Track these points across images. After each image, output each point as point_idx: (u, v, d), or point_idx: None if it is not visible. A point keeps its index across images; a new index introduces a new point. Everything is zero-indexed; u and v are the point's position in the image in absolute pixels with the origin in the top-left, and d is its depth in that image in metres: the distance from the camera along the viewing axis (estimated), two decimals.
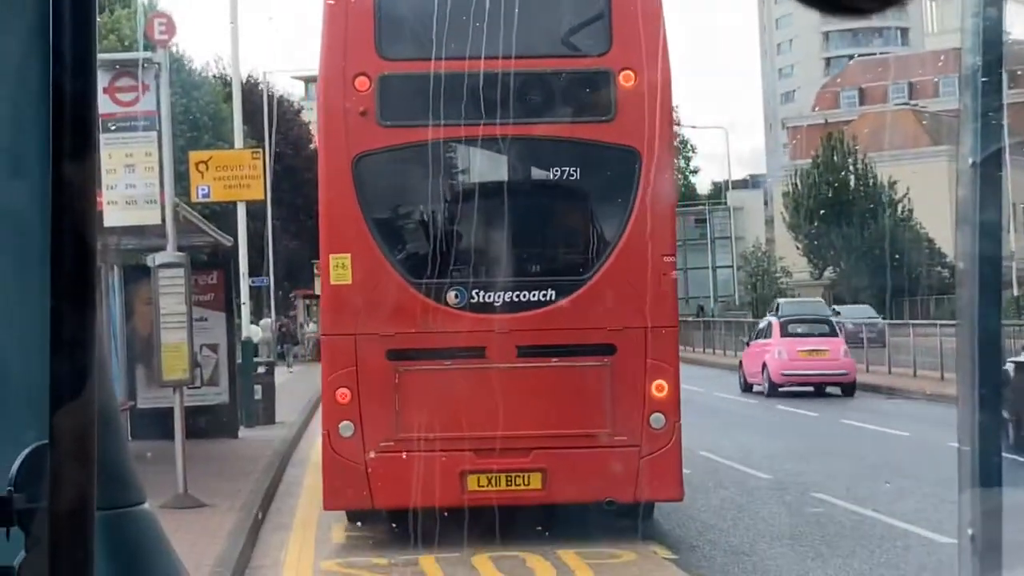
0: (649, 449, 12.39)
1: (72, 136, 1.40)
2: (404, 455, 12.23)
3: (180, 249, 15.52)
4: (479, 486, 12.38)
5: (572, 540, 12.68)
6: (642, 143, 12.45)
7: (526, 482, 12.46)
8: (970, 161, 3.23)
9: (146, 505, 1.91)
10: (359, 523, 13.50)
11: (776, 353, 31.44)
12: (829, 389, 31.34)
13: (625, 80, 12.50)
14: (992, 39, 3.25)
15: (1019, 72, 59.87)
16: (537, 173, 13.38)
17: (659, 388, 12.45)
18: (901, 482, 16.87)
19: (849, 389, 31.10)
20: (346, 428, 12.42)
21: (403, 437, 12.28)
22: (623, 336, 12.43)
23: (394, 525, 12.68)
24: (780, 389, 30.96)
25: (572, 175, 12.91)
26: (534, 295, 12.61)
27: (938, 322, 33.68)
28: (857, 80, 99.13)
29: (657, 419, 12.40)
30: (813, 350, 31.22)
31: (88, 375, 1.41)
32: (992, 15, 3.22)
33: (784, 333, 32.13)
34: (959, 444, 3.28)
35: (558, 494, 12.50)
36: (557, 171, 12.97)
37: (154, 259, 14.37)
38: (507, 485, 12.43)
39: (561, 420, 12.41)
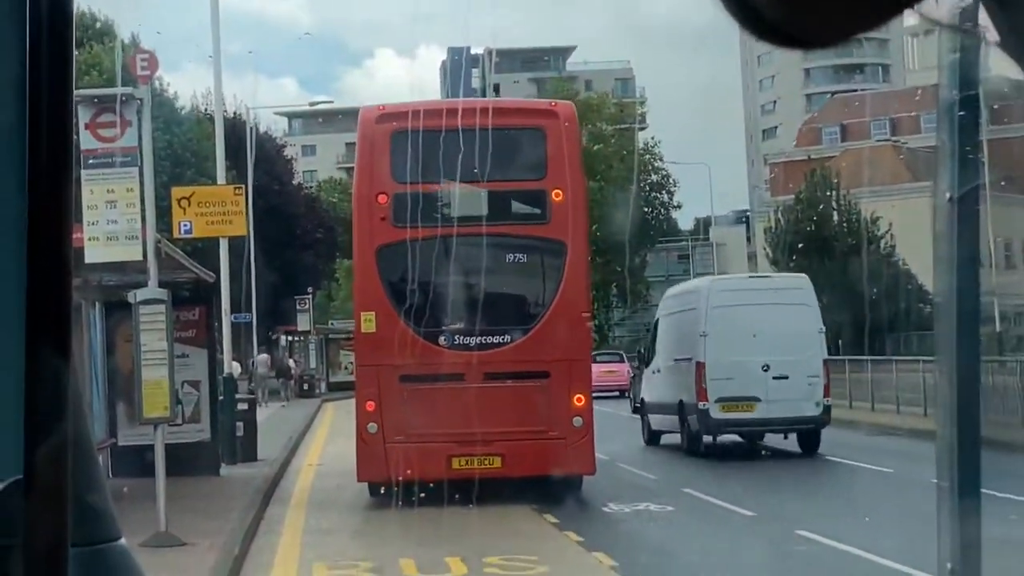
0: (572, 440, 18.22)
1: (48, 175, 1.40)
2: (411, 445, 17.77)
3: (162, 285, 15.46)
4: (460, 465, 18.12)
5: None
6: (567, 238, 18.57)
7: (491, 463, 18.14)
8: (947, 196, 3.27)
9: (122, 541, 1.85)
10: (381, 491, 18.40)
11: None
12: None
13: (556, 196, 18.52)
14: (970, 75, 3.26)
15: (996, 107, 60.22)
16: (498, 257, 18.84)
17: (578, 400, 18.43)
18: (884, 518, 16.82)
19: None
20: (372, 427, 18.31)
21: (410, 432, 17.99)
22: (554, 366, 18.28)
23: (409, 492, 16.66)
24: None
25: (521, 259, 19.11)
26: (496, 339, 18.56)
27: (920, 358, 33.69)
28: (839, 116, 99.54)
29: (577, 420, 18.29)
30: (608, 371, 48.42)
31: (63, 411, 1.40)
32: (971, 51, 3.22)
33: (593, 361, 45.15)
34: (938, 479, 3.33)
35: (512, 471, 18.13)
36: (512, 256, 19.01)
37: (135, 295, 14.31)
38: (478, 465, 18.08)
39: (514, 421, 18.12)
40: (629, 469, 23.27)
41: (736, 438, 26.01)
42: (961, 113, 3.29)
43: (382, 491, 18.52)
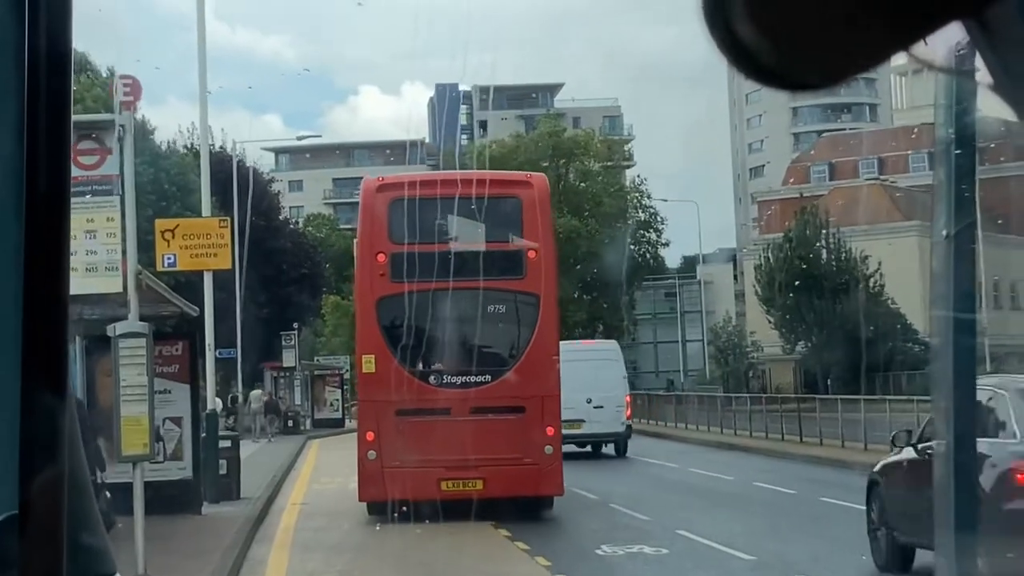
0: (544, 466, 20.87)
1: (46, 213, 1.41)
2: (405, 469, 19.96)
3: (144, 319, 14.99)
4: (448, 487, 20.32)
5: None
6: (540, 291, 21.26)
7: (475, 485, 20.37)
8: (944, 234, 3.28)
9: None
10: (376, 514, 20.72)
11: None
12: None
13: (531, 255, 21.17)
14: (965, 113, 3.28)
15: (992, 146, 60.06)
16: (480, 308, 20.99)
17: (549, 431, 21.02)
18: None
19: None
20: (371, 454, 20.65)
21: (404, 459, 20.08)
22: (528, 401, 20.87)
23: (403, 508, 19.04)
24: None
25: (501, 309, 21.53)
26: (478, 378, 21.02)
27: (914, 397, 33.23)
28: (827, 155, 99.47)
29: (548, 449, 20.96)
30: None
31: (59, 446, 1.41)
32: (966, 90, 3.22)
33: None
34: (936, 520, 3.31)
35: (492, 492, 20.24)
36: (492, 307, 21.30)
37: (114, 329, 13.80)
38: (463, 487, 20.41)
39: (494, 449, 20.36)
40: (621, 509, 22.78)
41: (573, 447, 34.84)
42: (957, 152, 3.31)
43: (378, 526, 20.38)
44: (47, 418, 1.41)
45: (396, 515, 19.34)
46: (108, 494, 19.46)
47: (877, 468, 16.67)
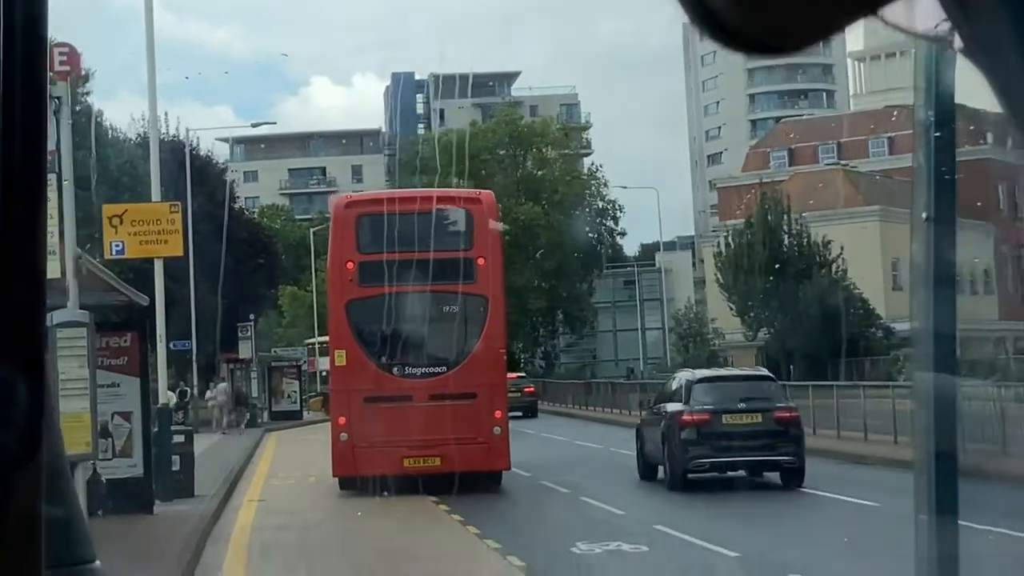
0: (493, 445, 23.61)
1: (20, 192, 1.38)
2: (373, 448, 22.94)
3: (90, 309, 13.95)
4: (410, 464, 23.15)
5: None
6: (488, 292, 24.07)
7: (433, 462, 23.27)
8: (924, 216, 3.26)
9: (96, 564, 1.86)
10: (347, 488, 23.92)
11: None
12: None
13: (480, 262, 23.96)
14: (945, 94, 3.26)
15: (971, 128, 59.43)
16: (437, 308, 23.95)
17: (498, 414, 23.88)
18: (878, 557, 15.50)
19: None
20: (343, 436, 23.54)
21: (372, 440, 23.04)
22: (480, 388, 23.62)
23: (383, 492, 21.62)
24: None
25: (454, 308, 24.15)
26: (436, 369, 23.93)
27: (890, 384, 32.43)
28: (786, 141, 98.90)
29: (496, 430, 23.71)
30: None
31: (36, 429, 1.39)
32: (945, 71, 3.23)
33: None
34: (915, 511, 3.24)
35: (449, 467, 22.20)
36: (447, 307, 24.09)
37: (51, 318, 12.75)
38: (423, 463, 23.30)
39: (450, 430, 22.18)
40: (593, 503, 21.89)
41: None
42: (937, 134, 3.28)
43: (345, 520, 20.86)
44: (23, 401, 1.37)
45: (363, 506, 20.66)
46: (104, 480, 18.56)
47: (639, 421, 27.72)
